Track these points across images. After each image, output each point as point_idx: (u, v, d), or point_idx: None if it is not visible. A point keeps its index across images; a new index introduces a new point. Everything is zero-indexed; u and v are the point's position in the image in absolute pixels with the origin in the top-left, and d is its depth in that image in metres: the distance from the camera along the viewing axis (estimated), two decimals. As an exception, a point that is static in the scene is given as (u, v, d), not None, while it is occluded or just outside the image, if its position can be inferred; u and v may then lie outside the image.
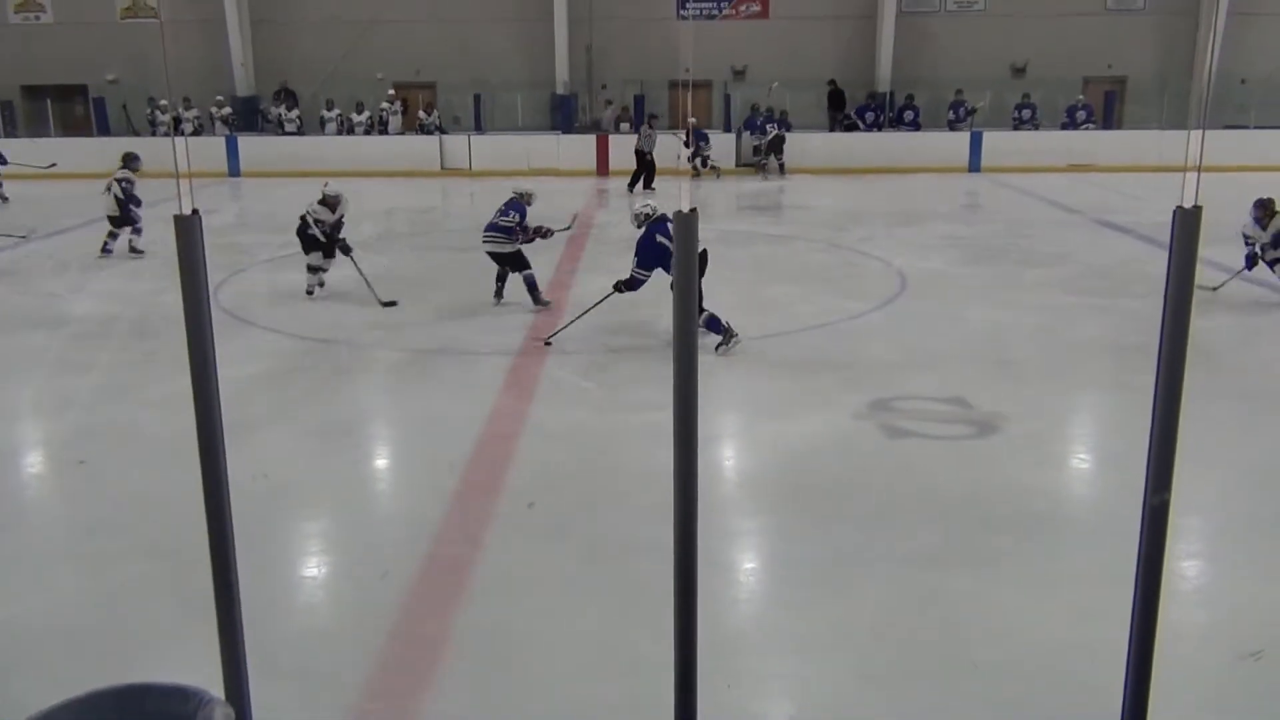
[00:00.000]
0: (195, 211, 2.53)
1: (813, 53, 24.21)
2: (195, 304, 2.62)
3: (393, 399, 7.64)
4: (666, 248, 7.60)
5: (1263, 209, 9.99)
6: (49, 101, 23.96)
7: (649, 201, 8.70)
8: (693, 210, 2.55)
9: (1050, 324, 9.26)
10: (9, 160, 17.66)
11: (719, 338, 8.12)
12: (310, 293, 10.49)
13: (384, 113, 23.16)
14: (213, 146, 21.56)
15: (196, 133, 22.56)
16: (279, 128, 23.12)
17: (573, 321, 8.77)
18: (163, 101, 22.53)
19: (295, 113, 23.16)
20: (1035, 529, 5.13)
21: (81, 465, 6.10)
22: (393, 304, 10.00)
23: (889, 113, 23.86)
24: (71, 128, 24.05)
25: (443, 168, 22.25)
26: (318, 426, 6.79)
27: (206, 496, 2.73)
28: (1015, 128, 23.01)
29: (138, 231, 12.76)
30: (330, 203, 10.33)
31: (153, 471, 5.90)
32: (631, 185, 19.00)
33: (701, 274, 7.34)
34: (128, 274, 11.78)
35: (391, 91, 23.74)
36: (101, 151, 21.74)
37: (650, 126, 19.55)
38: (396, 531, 5.25)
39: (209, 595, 2.80)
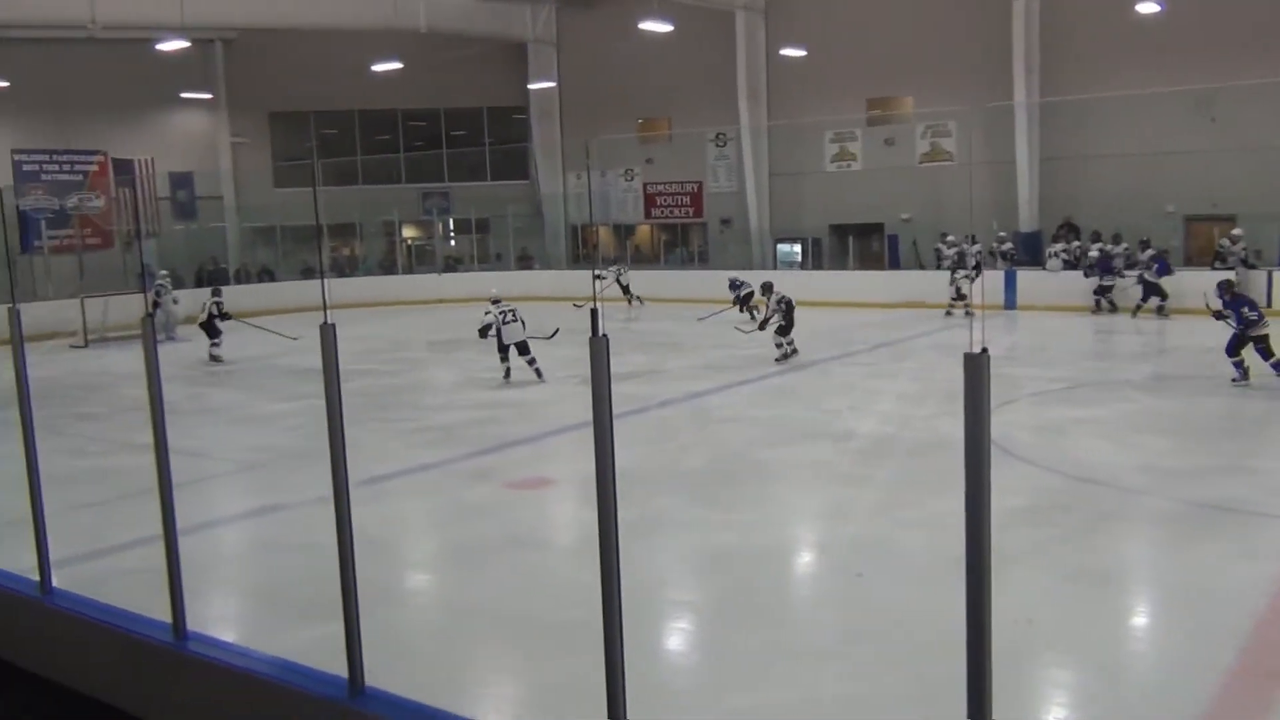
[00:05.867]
0: (985, 350, 2.64)
1: None
2: (976, 436, 2.71)
3: (1159, 553, 7.09)
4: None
5: None
6: (850, 239, 26.81)
7: None
8: None
9: None
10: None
11: None
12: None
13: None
14: (992, 280, 22.24)
15: (976, 268, 23.50)
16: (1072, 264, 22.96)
17: None
18: (950, 237, 23.91)
19: (1075, 244, 22.99)
20: None
21: (859, 578, 6.55)
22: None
23: None
24: (867, 262, 26.62)
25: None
26: (1074, 571, 6.54)
27: (969, 626, 2.77)
28: None
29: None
30: None
31: (912, 586, 6.16)
32: None
33: None
34: (908, 399, 12.54)
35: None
36: (891, 284, 23.75)
37: None
38: (1156, 702, 4.81)
39: (948, 715, 2.83)
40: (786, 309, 15.16)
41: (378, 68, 26.90)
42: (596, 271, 24.11)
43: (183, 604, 4.96)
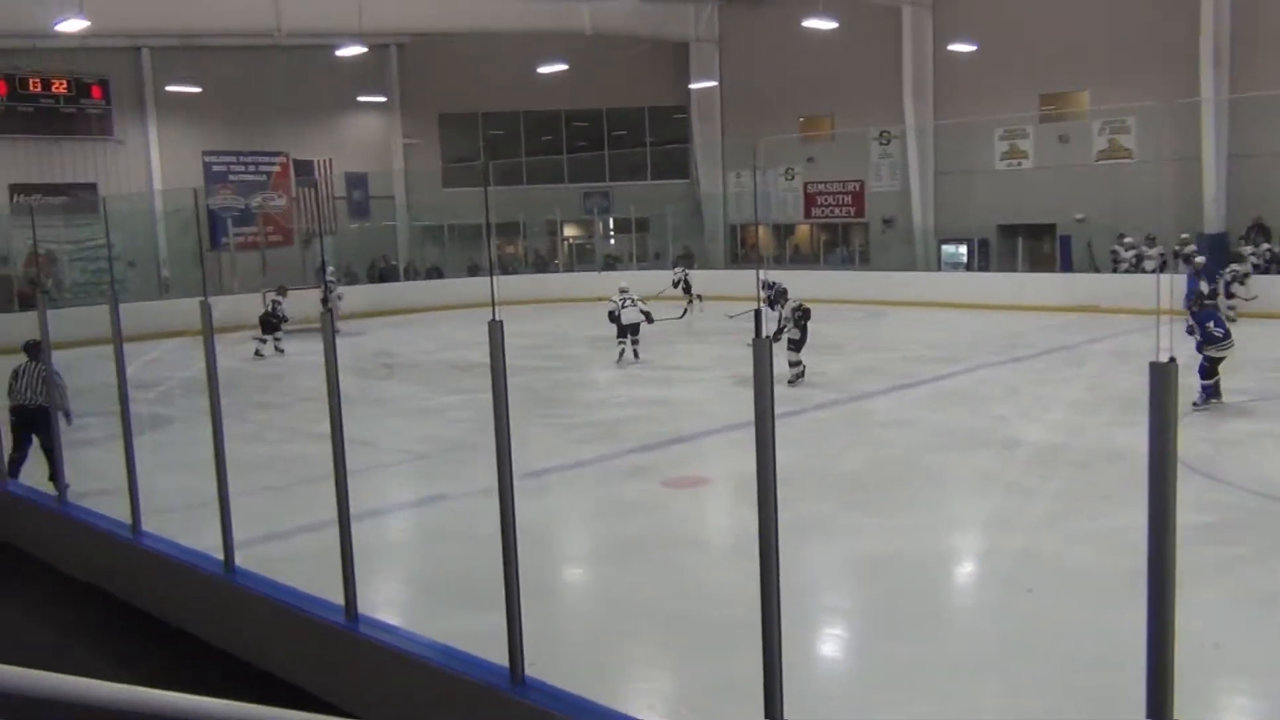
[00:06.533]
0: (1172, 360, 2.52)
1: None
2: (1162, 449, 2.58)
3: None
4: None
5: None
6: (1020, 240, 25.92)
7: None
8: None
9: None
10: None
11: None
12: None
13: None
14: (1177, 283, 21.12)
15: (1159, 270, 22.39)
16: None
17: None
18: (1127, 239, 22.86)
19: (1264, 247, 21.63)
20: None
21: (1029, 593, 6.34)
22: None
23: None
24: (1038, 264, 25.68)
25: None
26: (1264, 594, 6.17)
27: (1150, 647, 2.65)
28: None
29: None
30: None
31: (1081, 602, 5.92)
32: None
33: None
34: (1081, 407, 12.04)
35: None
36: (1063, 287, 22.85)
37: None
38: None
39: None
40: (801, 319, 13.76)
41: (543, 69, 27.45)
42: (675, 277, 24.30)
43: (355, 588, 5.18)
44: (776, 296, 15.03)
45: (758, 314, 3.69)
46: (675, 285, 23.95)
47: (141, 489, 7.10)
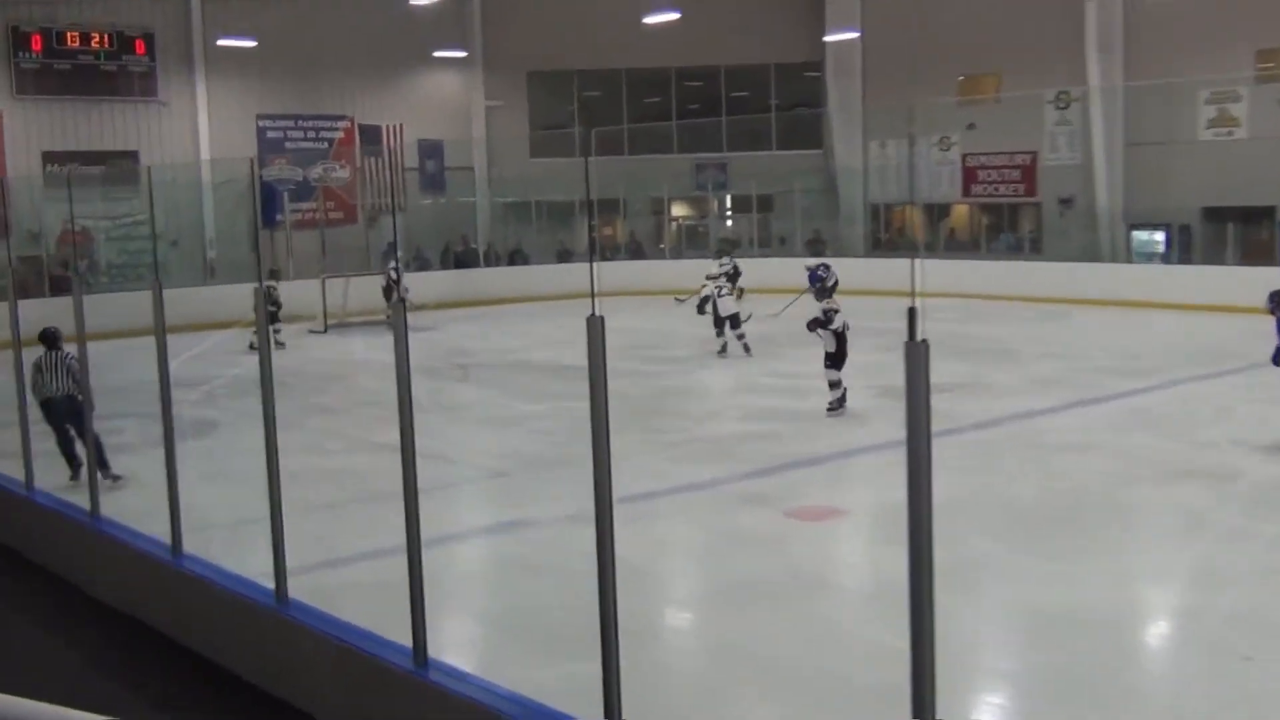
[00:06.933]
0: None
1: None
2: None
3: None
4: None
5: None
6: (1230, 225, 25.10)
7: None
8: None
9: None
10: None
11: None
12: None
13: None
14: None
15: None
16: None
17: None
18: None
19: None
20: None
21: (1247, 662, 6.14)
22: None
23: None
24: (1253, 255, 24.81)
25: None
26: None
27: None
28: None
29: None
30: None
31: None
32: None
33: None
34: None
35: None
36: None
37: None
38: None
39: None
40: (822, 324, 12.76)
41: (650, 19, 27.48)
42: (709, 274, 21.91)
43: (424, 627, 5.22)
44: (820, 292, 13.97)
45: (911, 310, 3.58)
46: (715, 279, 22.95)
47: (183, 504, 7.27)
